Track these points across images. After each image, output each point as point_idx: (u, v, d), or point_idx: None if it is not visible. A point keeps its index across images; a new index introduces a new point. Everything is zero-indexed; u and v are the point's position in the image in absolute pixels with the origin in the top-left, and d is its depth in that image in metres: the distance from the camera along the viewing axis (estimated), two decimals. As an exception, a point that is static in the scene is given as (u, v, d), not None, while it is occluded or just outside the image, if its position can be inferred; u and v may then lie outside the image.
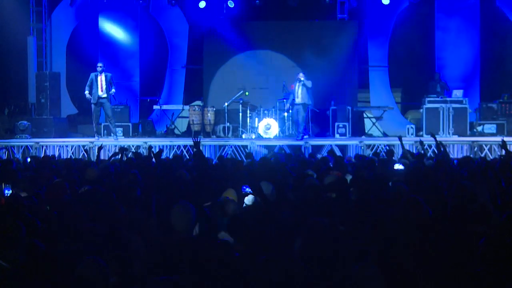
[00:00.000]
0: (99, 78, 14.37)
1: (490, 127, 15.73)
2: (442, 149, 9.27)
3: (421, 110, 15.81)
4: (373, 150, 13.31)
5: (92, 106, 14.56)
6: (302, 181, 6.94)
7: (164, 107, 17.66)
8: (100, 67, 14.46)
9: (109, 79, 14.47)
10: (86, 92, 14.40)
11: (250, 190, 5.92)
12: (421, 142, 11.49)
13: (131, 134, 16.48)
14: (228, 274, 3.90)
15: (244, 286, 3.83)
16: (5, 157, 13.38)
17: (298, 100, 14.53)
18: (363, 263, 3.82)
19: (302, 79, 14.40)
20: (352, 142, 14.06)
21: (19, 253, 4.21)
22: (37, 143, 14.05)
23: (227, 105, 16.09)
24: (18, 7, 17.24)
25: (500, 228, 4.66)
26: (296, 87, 14.57)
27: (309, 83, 14.36)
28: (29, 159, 12.03)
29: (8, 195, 6.40)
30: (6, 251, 4.20)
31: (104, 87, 14.36)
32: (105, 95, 14.46)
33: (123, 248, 4.43)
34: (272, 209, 5.17)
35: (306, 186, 6.37)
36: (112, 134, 14.87)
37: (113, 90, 14.55)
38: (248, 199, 5.90)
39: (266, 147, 14.02)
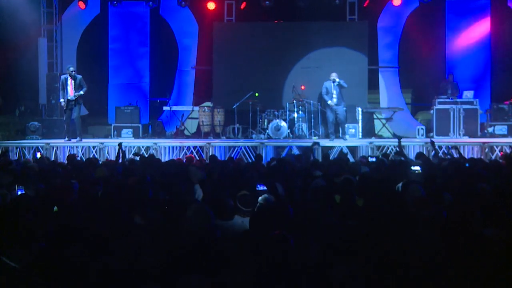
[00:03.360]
0: (69, 81, 14.25)
1: (501, 128, 15.64)
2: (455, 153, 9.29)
3: (432, 111, 15.73)
4: (383, 151, 13.27)
5: (63, 108, 14.54)
6: (310, 182, 6.95)
7: (174, 108, 17.69)
8: (72, 71, 14.34)
9: (78, 82, 14.28)
10: (62, 100, 14.32)
11: (264, 188, 5.96)
12: (432, 143, 11.47)
13: (141, 135, 16.52)
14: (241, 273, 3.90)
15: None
16: (16, 157, 13.45)
17: (334, 100, 14.44)
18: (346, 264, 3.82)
19: (337, 79, 14.39)
20: (362, 143, 14.02)
21: (28, 253, 4.21)
22: (48, 144, 14.10)
23: (237, 106, 16.08)
24: (29, 9, 17.32)
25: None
26: (332, 88, 14.50)
27: (344, 83, 14.41)
28: (38, 155, 12.17)
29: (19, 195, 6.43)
30: (15, 252, 4.20)
31: (74, 90, 14.24)
32: (74, 98, 14.29)
33: (135, 249, 4.43)
34: (284, 208, 5.17)
35: (313, 188, 6.38)
36: (77, 137, 14.62)
37: (81, 92, 14.27)
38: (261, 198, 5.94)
39: (275, 148, 14.02)
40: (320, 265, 4.06)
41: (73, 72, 14.30)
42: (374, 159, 10.10)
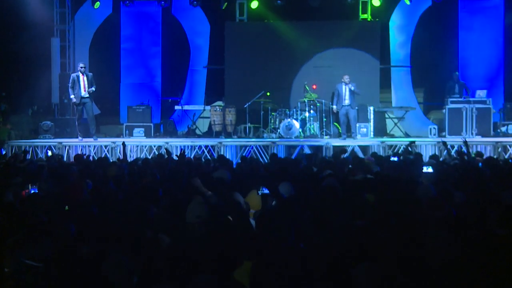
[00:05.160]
0: (81, 78, 14.27)
1: (514, 128, 15.53)
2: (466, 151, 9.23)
3: (444, 110, 15.63)
4: (395, 150, 13.24)
5: (75, 106, 14.53)
6: (321, 181, 6.94)
7: (186, 107, 17.72)
8: (83, 67, 14.38)
9: (90, 78, 14.34)
10: (72, 96, 14.28)
11: (267, 191, 5.97)
12: (444, 143, 11.40)
13: (152, 134, 16.56)
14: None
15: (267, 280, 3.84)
16: (29, 157, 13.53)
17: (347, 101, 14.77)
18: (365, 263, 3.81)
19: (349, 85, 14.71)
20: (374, 142, 13.98)
21: (46, 253, 4.21)
22: (60, 143, 14.18)
23: (248, 106, 16.07)
24: (42, 9, 17.40)
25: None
26: (344, 89, 14.73)
27: (358, 90, 14.79)
28: (50, 153, 12.28)
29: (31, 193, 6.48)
30: (35, 251, 4.21)
31: (86, 87, 14.29)
32: (87, 95, 14.36)
33: (146, 247, 4.44)
34: (289, 208, 5.16)
35: (324, 186, 6.37)
36: (93, 136, 14.68)
37: (93, 88, 14.34)
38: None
39: (287, 147, 14.01)
40: (333, 265, 4.06)
41: (83, 69, 14.36)
42: (396, 158, 10.02)
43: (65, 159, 12.91)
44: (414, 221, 4.91)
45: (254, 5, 17.85)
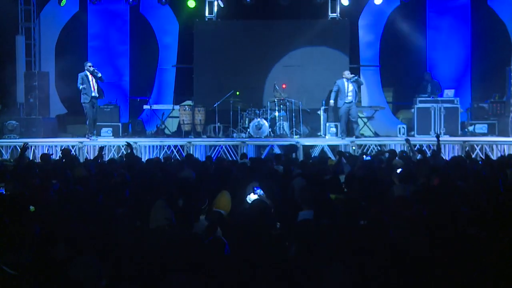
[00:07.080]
0: (90, 77, 14.18)
1: (481, 127, 15.74)
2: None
3: (413, 110, 15.79)
4: (364, 150, 13.32)
5: (86, 105, 14.29)
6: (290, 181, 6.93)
7: (154, 106, 17.55)
8: (91, 66, 14.27)
9: (99, 77, 14.32)
10: (85, 93, 14.19)
11: (261, 192, 5.96)
12: (407, 140, 11.58)
13: (121, 134, 16.36)
14: (220, 272, 3.86)
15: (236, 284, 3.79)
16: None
17: (350, 98, 14.72)
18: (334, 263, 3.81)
19: (349, 77, 14.74)
20: (344, 142, 14.02)
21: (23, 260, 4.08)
22: (26, 143, 13.87)
23: (218, 105, 15.98)
24: (7, 6, 17.04)
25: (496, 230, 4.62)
26: (346, 85, 14.65)
27: (361, 80, 15.10)
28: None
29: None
30: (13, 257, 4.07)
31: (95, 86, 14.20)
32: (97, 95, 14.33)
33: (113, 249, 4.36)
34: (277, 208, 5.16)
35: (293, 186, 6.36)
36: (95, 135, 14.65)
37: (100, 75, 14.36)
38: (250, 198, 5.96)
39: (256, 147, 13.99)
40: (304, 264, 4.02)
41: (92, 68, 14.27)
42: (369, 158, 10.06)
43: (30, 159, 12.66)
44: (383, 220, 4.91)
45: (222, 3, 17.72)
